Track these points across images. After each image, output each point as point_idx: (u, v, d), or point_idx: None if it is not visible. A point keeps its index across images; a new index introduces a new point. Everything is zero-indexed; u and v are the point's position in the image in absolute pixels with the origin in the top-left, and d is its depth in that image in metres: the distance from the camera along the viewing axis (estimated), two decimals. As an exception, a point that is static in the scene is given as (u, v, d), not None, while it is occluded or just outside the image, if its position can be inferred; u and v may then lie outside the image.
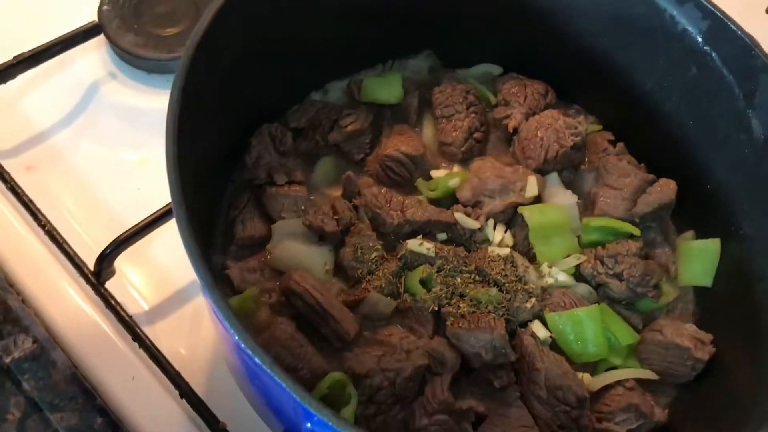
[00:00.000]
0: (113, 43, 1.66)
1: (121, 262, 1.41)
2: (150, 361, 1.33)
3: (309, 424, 0.84)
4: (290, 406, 0.88)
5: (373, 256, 1.27)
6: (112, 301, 1.36)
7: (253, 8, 1.21)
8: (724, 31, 1.26)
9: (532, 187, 1.36)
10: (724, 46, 1.27)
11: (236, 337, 0.84)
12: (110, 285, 1.39)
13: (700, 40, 1.29)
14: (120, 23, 1.67)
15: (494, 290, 1.26)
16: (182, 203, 0.91)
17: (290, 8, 1.30)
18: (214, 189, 1.33)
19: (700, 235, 1.38)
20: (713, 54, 1.28)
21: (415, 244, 1.28)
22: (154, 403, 1.30)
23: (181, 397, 1.29)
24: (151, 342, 1.33)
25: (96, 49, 1.71)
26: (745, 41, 1.23)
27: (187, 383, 1.30)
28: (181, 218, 0.90)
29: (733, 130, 1.28)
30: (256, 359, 0.83)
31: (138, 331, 1.34)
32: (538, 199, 1.39)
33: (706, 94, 1.32)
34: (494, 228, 1.36)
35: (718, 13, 1.26)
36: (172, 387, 1.31)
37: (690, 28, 1.29)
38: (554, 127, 1.40)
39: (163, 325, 1.40)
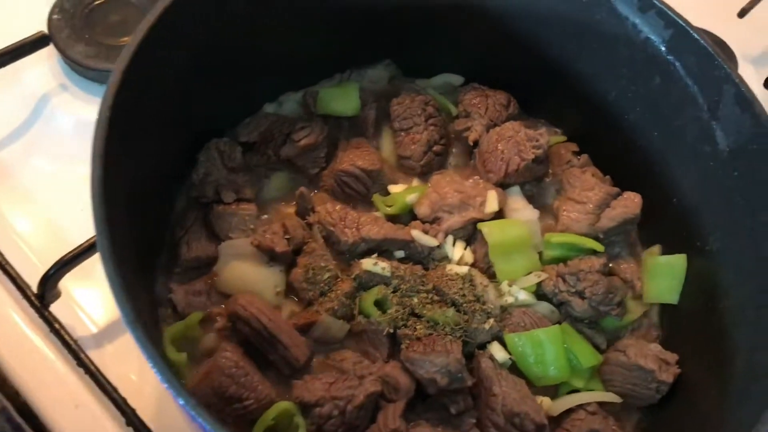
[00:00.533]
0: (63, 53, 1.60)
1: (68, 283, 1.36)
2: (95, 387, 1.27)
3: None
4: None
5: (325, 276, 1.22)
6: (56, 325, 1.30)
7: (197, 18, 1.16)
8: (687, 41, 1.21)
9: (492, 203, 1.31)
10: (688, 55, 1.22)
11: (160, 377, 0.79)
12: (56, 307, 1.34)
13: (663, 49, 1.25)
14: (70, 33, 1.61)
15: (451, 311, 1.21)
16: (106, 233, 0.86)
17: (241, 17, 1.24)
18: (160, 207, 1.27)
19: (667, 250, 1.34)
20: (677, 63, 1.24)
21: (369, 264, 1.23)
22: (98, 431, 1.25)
23: (128, 425, 1.24)
24: (96, 367, 1.28)
25: (46, 60, 1.65)
26: (708, 51, 1.19)
27: (133, 410, 1.24)
28: (105, 249, 0.85)
29: (698, 142, 1.24)
30: (180, 401, 0.78)
31: (83, 356, 1.28)
32: (499, 214, 1.34)
33: (671, 105, 1.28)
34: (453, 245, 1.31)
35: (681, 22, 1.21)
36: (118, 414, 1.25)
37: (653, 37, 1.25)
38: (515, 140, 1.35)
39: (111, 348, 1.35)
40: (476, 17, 1.41)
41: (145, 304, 1.12)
